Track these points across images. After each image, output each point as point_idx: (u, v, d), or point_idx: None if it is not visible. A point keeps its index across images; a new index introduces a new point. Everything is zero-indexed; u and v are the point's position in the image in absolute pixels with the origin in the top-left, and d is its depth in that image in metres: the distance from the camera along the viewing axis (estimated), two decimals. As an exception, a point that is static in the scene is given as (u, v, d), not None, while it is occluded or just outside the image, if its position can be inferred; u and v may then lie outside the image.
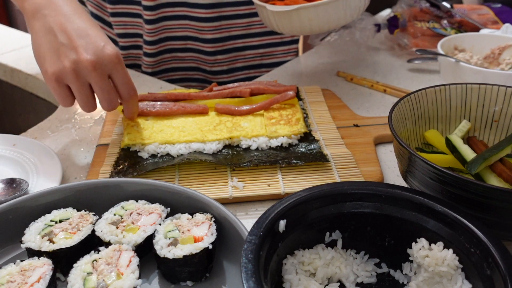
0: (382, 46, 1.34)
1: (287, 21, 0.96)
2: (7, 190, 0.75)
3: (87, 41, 0.75)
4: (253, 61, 1.31)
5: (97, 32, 0.78)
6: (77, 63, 0.74)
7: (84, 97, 0.78)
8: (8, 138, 0.89)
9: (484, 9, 1.38)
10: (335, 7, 0.94)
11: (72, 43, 0.75)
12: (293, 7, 0.93)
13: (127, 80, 0.80)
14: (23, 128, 0.99)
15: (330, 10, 0.94)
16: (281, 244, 0.57)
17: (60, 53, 0.75)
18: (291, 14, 0.94)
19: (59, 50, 0.75)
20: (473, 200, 0.59)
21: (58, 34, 0.76)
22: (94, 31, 0.77)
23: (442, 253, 0.56)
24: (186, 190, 0.68)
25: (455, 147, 0.73)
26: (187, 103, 0.94)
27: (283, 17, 0.96)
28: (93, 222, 0.66)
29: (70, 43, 0.75)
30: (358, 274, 0.60)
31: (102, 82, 0.76)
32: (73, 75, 0.75)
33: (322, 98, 1.02)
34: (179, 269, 0.61)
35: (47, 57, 0.76)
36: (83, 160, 0.88)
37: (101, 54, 0.75)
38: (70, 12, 0.78)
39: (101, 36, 0.77)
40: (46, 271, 0.59)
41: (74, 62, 0.74)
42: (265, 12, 0.98)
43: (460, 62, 0.98)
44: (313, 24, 0.95)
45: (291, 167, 0.81)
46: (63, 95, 0.78)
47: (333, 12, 0.94)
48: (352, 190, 0.61)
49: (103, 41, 0.76)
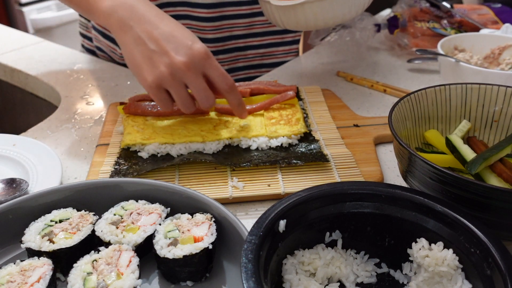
0: (382, 46, 1.34)
1: (292, 16, 0.96)
2: (7, 190, 0.75)
3: (175, 43, 0.77)
4: (254, 61, 1.31)
5: (183, 32, 0.79)
6: (172, 66, 0.76)
7: (183, 98, 0.79)
8: (8, 138, 0.89)
9: (484, 9, 1.38)
10: (341, 2, 0.93)
11: (162, 48, 0.77)
12: (298, 1, 0.92)
13: (221, 72, 0.80)
14: (23, 128, 0.99)
15: (335, 4, 0.93)
16: (281, 244, 0.57)
17: (154, 60, 0.77)
18: (296, 8, 0.94)
19: (152, 57, 0.77)
20: (473, 200, 0.59)
21: (148, 42, 0.78)
22: (180, 32, 0.79)
23: (442, 253, 0.56)
24: (186, 190, 0.68)
25: (455, 147, 0.73)
26: (187, 103, 0.93)
27: (287, 12, 0.95)
28: (93, 222, 0.66)
29: (161, 49, 0.77)
30: (358, 274, 0.60)
31: (196, 81, 0.78)
32: (171, 78, 0.77)
33: (322, 98, 1.02)
34: (179, 269, 0.61)
35: (143, 66, 0.78)
36: (83, 160, 0.88)
37: (191, 53, 0.77)
38: (154, 18, 0.80)
39: (187, 35, 0.79)
40: (46, 271, 0.59)
41: (169, 66, 0.76)
42: (269, 7, 0.98)
43: (460, 62, 0.98)
44: (318, 19, 0.95)
45: (291, 167, 0.81)
46: (164, 100, 0.80)
47: (338, 7, 0.94)
48: (352, 190, 0.61)
49: (190, 40, 0.78)
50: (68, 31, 3.52)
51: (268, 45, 1.30)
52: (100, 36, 1.29)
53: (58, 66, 1.24)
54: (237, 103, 0.84)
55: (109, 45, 1.28)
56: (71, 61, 1.27)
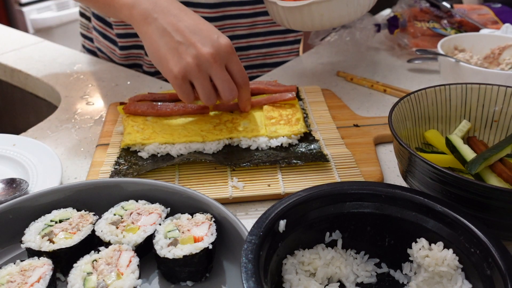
0: (382, 46, 1.34)
1: (298, 16, 0.96)
2: (7, 190, 0.75)
3: (202, 36, 0.78)
4: (256, 61, 1.32)
5: (207, 26, 0.81)
6: (199, 58, 0.77)
7: (208, 89, 0.80)
8: (8, 138, 0.89)
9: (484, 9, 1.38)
10: (347, 2, 0.93)
11: (188, 40, 0.78)
12: (304, 2, 0.92)
13: (241, 68, 0.83)
14: (23, 128, 0.99)
15: (341, 5, 0.93)
16: (281, 244, 0.57)
17: (180, 52, 0.78)
18: (302, 9, 0.94)
19: (178, 49, 0.78)
20: (473, 200, 0.59)
21: (173, 34, 0.79)
22: (205, 26, 0.80)
23: (442, 253, 0.56)
24: (186, 190, 0.68)
25: (455, 147, 0.73)
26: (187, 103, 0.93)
27: (294, 13, 0.96)
28: (93, 222, 0.66)
29: (187, 40, 0.78)
30: (358, 274, 0.60)
31: (222, 73, 0.79)
32: (197, 69, 0.78)
33: (322, 98, 1.02)
34: (179, 269, 0.61)
35: (168, 57, 0.79)
36: (83, 160, 0.88)
37: (217, 46, 0.78)
38: (178, 11, 0.81)
39: (212, 29, 0.80)
40: (46, 271, 0.59)
41: (196, 57, 0.77)
42: (275, 8, 0.98)
43: (460, 62, 0.98)
44: (324, 19, 0.95)
45: (291, 167, 0.81)
46: (187, 92, 0.81)
47: (344, 7, 0.94)
48: (352, 190, 0.61)
49: (216, 33, 0.80)
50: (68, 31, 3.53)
51: (270, 44, 1.30)
52: (100, 37, 1.29)
53: (58, 66, 1.24)
54: (246, 98, 0.87)
55: (109, 46, 1.28)
56: (71, 61, 1.27)
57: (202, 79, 0.79)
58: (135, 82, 1.16)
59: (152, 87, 1.13)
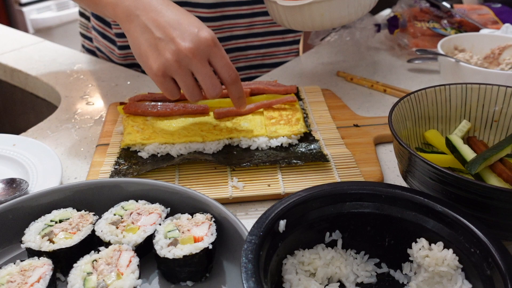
0: (382, 46, 1.34)
1: (298, 16, 0.95)
2: (7, 190, 0.75)
3: (182, 30, 0.76)
4: (255, 61, 1.31)
5: (189, 19, 0.79)
6: (178, 53, 0.75)
7: (190, 86, 0.79)
8: (8, 138, 0.89)
9: (484, 9, 1.38)
10: (348, 3, 0.93)
11: (168, 35, 0.76)
12: (304, 1, 0.92)
13: (227, 63, 0.79)
14: (23, 128, 0.99)
15: (342, 5, 0.93)
16: (281, 244, 0.57)
17: (160, 48, 0.77)
18: (303, 9, 0.93)
19: (158, 45, 0.77)
20: (473, 200, 0.59)
21: (154, 30, 0.77)
22: (186, 19, 0.78)
23: (442, 253, 0.56)
24: (186, 190, 0.68)
25: (455, 147, 0.73)
26: (187, 103, 0.94)
27: (294, 12, 0.95)
28: (93, 222, 0.66)
29: (167, 36, 0.76)
30: (358, 274, 0.60)
31: (203, 68, 0.77)
32: (176, 65, 0.76)
33: (322, 98, 1.02)
34: (179, 269, 0.61)
35: (148, 54, 0.78)
36: (83, 160, 0.88)
37: (197, 40, 0.76)
38: (159, 6, 0.79)
39: (193, 22, 0.78)
40: (46, 271, 0.59)
41: (175, 53, 0.76)
42: (275, 8, 0.97)
43: (460, 62, 0.98)
44: (324, 19, 0.95)
45: (291, 167, 0.81)
46: (170, 88, 0.79)
47: (344, 7, 0.94)
48: (352, 190, 0.61)
49: (197, 27, 0.77)
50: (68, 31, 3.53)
51: (268, 45, 1.30)
52: (100, 37, 1.29)
53: (58, 66, 1.24)
54: (237, 96, 0.83)
55: (108, 46, 1.28)
56: (71, 61, 1.27)
57: (182, 75, 0.77)
58: (135, 82, 1.16)
59: (152, 87, 1.13)
